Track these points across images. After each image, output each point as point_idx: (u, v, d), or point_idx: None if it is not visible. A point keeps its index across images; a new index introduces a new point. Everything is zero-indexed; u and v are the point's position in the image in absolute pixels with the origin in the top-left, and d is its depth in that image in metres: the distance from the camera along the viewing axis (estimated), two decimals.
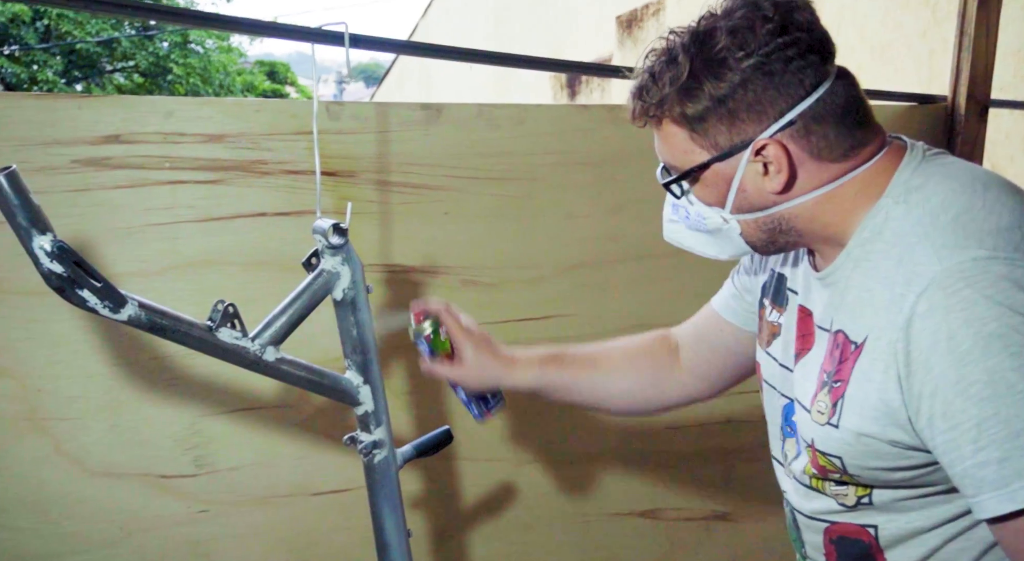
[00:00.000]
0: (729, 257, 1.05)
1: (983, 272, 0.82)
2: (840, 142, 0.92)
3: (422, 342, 1.29)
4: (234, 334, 1.14)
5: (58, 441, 1.58)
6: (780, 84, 0.90)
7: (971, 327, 0.80)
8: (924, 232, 0.87)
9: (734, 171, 0.94)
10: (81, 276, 1.00)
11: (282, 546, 1.72)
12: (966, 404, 0.81)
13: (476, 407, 1.34)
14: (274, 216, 1.66)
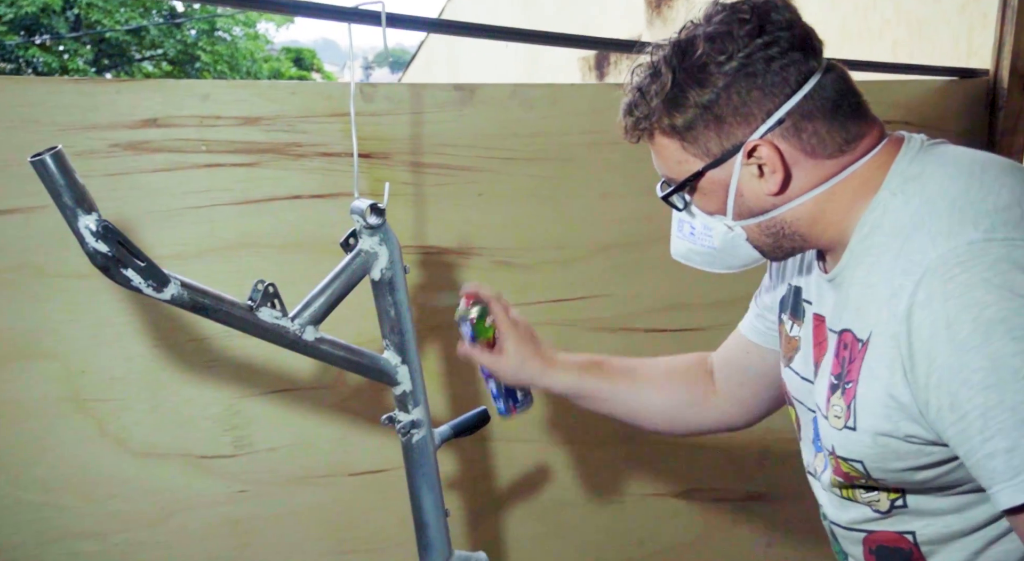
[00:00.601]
0: (739, 270, 1.05)
1: (980, 255, 0.79)
2: (833, 137, 0.91)
3: (466, 324, 1.29)
4: (274, 314, 1.15)
5: (101, 422, 1.61)
6: (764, 84, 0.90)
7: (970, 312, 0.78)
8: (920, 220, 0.85)
9: (729, 177, 0.94)
10: (125, 255, 1.01)
11: (321, 526, 1.74)
12: (970, 393, 0.78)
13: (504, 402, 1.33)
14: (309, 198, 1.67)
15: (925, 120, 1.92)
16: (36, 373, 1.56)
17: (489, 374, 1.32)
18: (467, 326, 1.28)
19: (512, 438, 1.82)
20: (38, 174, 0.96)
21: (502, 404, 1.33)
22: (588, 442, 1.86)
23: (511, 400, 1.34)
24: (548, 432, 1.84)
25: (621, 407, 1.30)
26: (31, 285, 1.55)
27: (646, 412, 1.30)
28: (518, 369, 1.26)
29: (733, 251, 1.01)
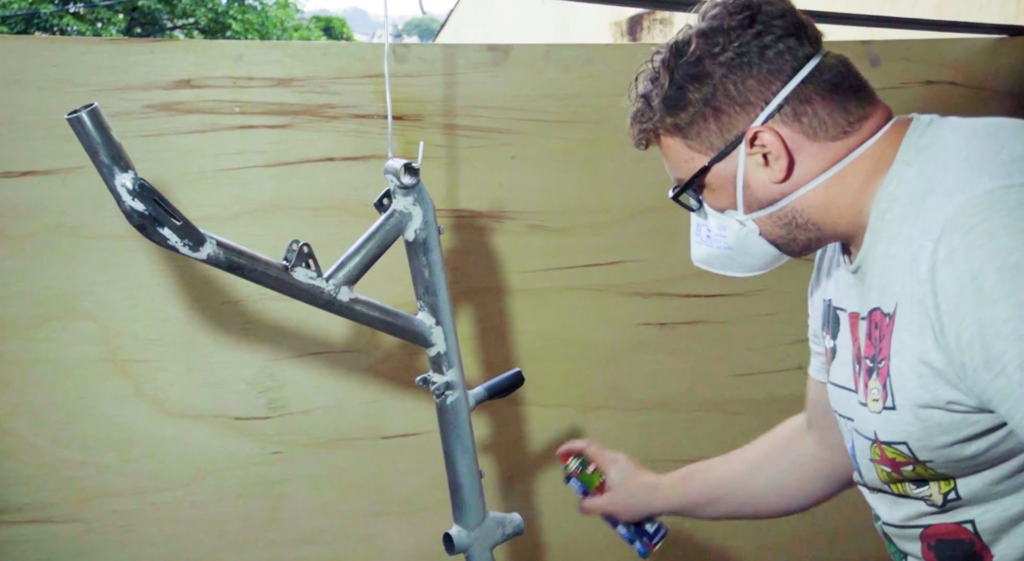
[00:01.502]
0: (760, 271, 1.02)
1: (999, 202, 0.77)
2: (835, 119, 0.90)
3: (573, 481, 1.35)
4: (309, 274, 1.14)
5: (138, 383, 1.62)
6: (760, 73, 0.90)
7: (994, 262, 0.74)
8: (935, 181, 0.83)
9: (735, 169, 0.93)
10: (162, 214, 1.01)
11: (355, 489, 1.75)
12: (1005, 345, 0.74)
13: (639, 541, 1.33)
14: (342, 161, 1.66)
15: (972, 80, 1.87)
16: (74, 333, 1.58)
17: (615, 520, 1.34)
18: (575, 482, 1.35)
19: (545, 403, 1.82)
20: (75, 132, 0.95)
21: (639, 544, 1.33)
22: (622, 407, 1.85)
23: (644, 537, 1.34)
24: (580, 397, 1.84)
25: (736, 502, 1.27)
26: (68, 246, 1.57)
27: (761, 498, 1.26)
28: (630, 499, 1.29)
29: (747, 249, 0.99)
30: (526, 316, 1.79)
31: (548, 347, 1.80)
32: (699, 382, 1.87)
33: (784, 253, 0.99)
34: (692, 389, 1.88)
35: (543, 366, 1.79)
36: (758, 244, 0.98)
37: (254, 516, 1.70)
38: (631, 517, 1.31)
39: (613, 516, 1.34)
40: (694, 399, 1.88)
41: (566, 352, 1.81)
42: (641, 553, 1.34)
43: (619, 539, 1.82)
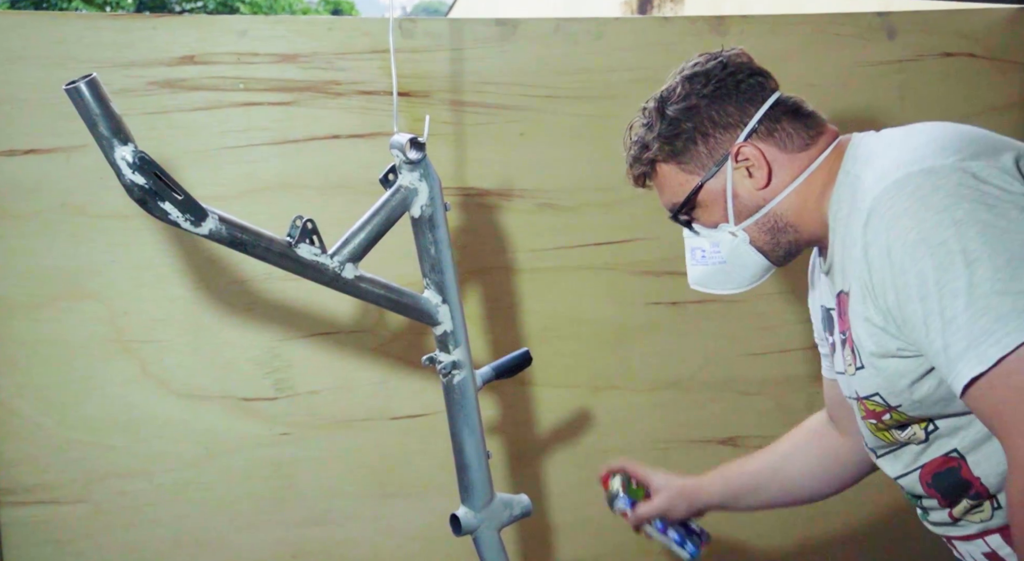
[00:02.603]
0: (754, 282, 1.17)
1: (902, 188, 0.92)
2: (800, 134, 1.10)
3: (621, 498, 1.38)
4: (313, 250, 1.12)
5: (144, 363, 1.61)
6: (737, 101, 1.09)
7: (900, 239, 0.91)
8: (864, 179, 1.00)
9: (724, 184, 1.11)
10: (163, 188, 0.99)
11: (363, 469, 1.74)
12: (913, 307, 0.91)
13: (691, 541, 1.38)
14: (348, 138, 1.64)
15: (992, 51, 1.83)
16: (80, 313, 1.57)
17: (664, 525, 1.38)
18: (623, 498, 1.38)
19: (554, 383, 1.80)
20: (73, 103, 0.94)
21: (691, 545, 1.38)
22: (632, 387, 1.83)
23: (694, 536, 1.39)
24: (591, 377, 1.82)
25: (774, 489, 1.36)
26: (73, 225, 1.56)
27: (796, 485, 1.36)
28: (679, 498, 1.36)
29: (740, 259, 1.14)
30: (535, 295, 1.77)
31: (557, 327, 1.78)
32: (711, 361, 1.85)
33: (770, 261, 1.15)
34: (704, 369, 1.85)
35: (552, 346, 1.77)
36: (749, 253, 1.14)
37: (262, 497, 1.69)
38: (681, 515, 1.37)
39: (665, 517, 1.38)
40: (706, 379, 1.85)
41: (576, 332, 1.79)
42: (693, 553, 1.38)
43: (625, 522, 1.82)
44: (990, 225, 0.87)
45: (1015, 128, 1.84)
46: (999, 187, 0.90)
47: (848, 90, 1.81)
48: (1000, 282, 0.85)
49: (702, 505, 1.38)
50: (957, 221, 0.88)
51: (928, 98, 1.84)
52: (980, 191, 0.89)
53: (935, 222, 0.88)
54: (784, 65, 1.29)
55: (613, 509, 1.42)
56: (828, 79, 1.80)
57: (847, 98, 1.81)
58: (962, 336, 0.87)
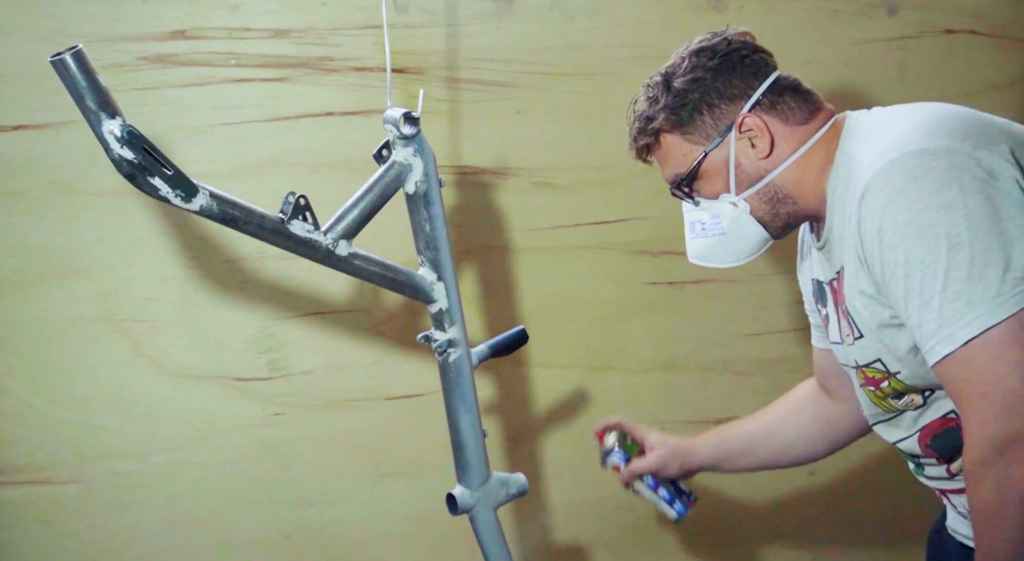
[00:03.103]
0: (752, 254, 1.19)
1: (896, 169, 0.96)
2: (800, 108, 1.14)
3: (616, 452, 1.41)
4: (306, 227, 1.11)
5: (136, 343, 1.60)
6: (742, 73, 1.13)
7: (891, 219, 0.95)
8: (860, 158, 1.04)
9: (727, 154, 1.13)
10: (151, 163, 0.97)
11: (358, 450, 1.73)
12: (898, 282, 0.96)
13: (680, 500, 1.41)
14: (342, 116, 1.62)
15: (995, 29, 1.80)
16: (70, 292, 1.55)
17: (656, 482, 1.40)
18: (617, 453, 1.41)
19: (551, 364, 1.79)
20: (59, 75, 0.92)
21: (679, 504, 1.41)
22: (629, 368, 1.82)
23: (684, 496, 1.42)
24: (588, 358, 1.80)
25: (766, 451, 1.41)
26: (62, 203, 1.53)
27: (789, 446, 1.40)
28: (673, 454, 1.40)
29: (740, 231, 1.16)
30: (531, 275, 1.75)
31: (553, 307, 1.77)
32: (708, 342, 1.84)
33: (769, 233, 1.17)
34: (701, 349, 1.84)
35: (548, 326, 1.76)
36: (749, 223, 1.16)
37: (257, 478, 1.68)
38: (674, 473, 1.40)
39: (658, 474, 1.40)
40: (703, 359, 1.84)
41: (572, 312, 1.78)
42: (681, 513, 1.41)
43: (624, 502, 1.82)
44: (976, 209, 0.91)
45: (1016, 106, 1.83)
46: (989, 171, 0.93)
47: (848, 67, 1.79)
48: (976, 268, 0.90)
49: (696, 465, 1.41)
50: (946, 205, 0.92)
51: (929, 75, 1.82)
52: (971, 175, 0.93)
53: (925, 204, 0.93)
54: (783, 42, 1.27)
55: (605, 464, 1.43)
56: (828, 56, 1.78)
57: (847, 75, 1.79)
58: (935, 316, 0.92)
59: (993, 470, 0.92)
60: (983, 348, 0.90)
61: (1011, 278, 0.89)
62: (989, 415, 0.91)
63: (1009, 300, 0.89)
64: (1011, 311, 0.89)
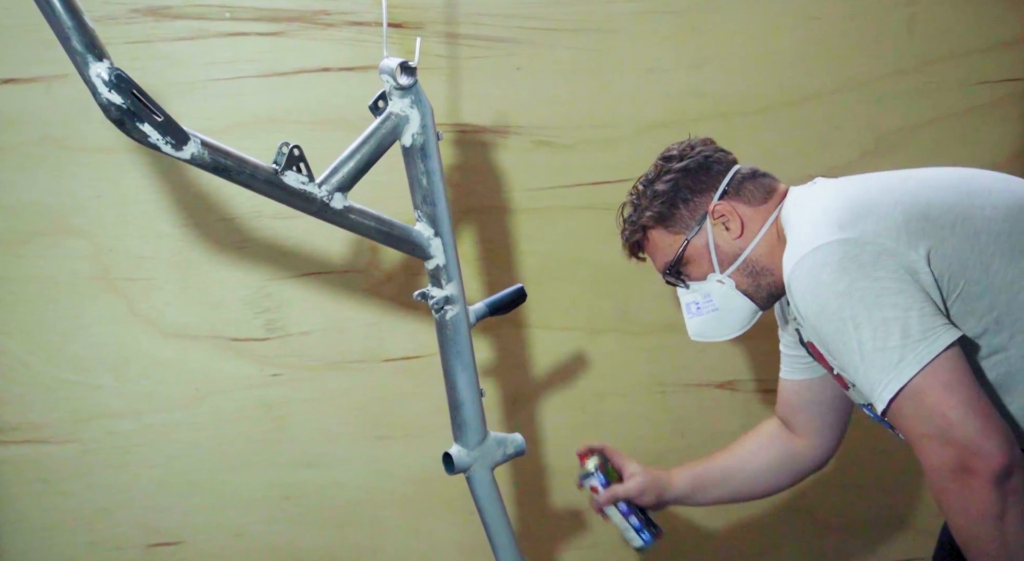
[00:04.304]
0: (745, 325, 1.34)
1: (801, 267, 1.11)
2: (760, 190, 1.30)
3: (595, 476, 1.44)
4: (300, 178, 1.08)
5: (131, 301, 1.58)
6: (708, 171, 1.31)
7: (807, 310, 1.11)
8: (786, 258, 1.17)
9: (707, 238, 1.30)
10: (141, 108, 0.94)
11: (356, 412, 1.72)
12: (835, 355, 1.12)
13: (648, 530, 1.45)
14: (339, 71, 1.59)
15: None
16: (64, 249, 1.53)
17: (629, 509, 1.44)
18: (597, 476, 1.44)
19: (550, 326, 1.77)
20: (43, 14, 0.89)
21: (647, 534, 1.45)
22: (628, 331, 1.80)
23: (653, 527, 1.46)
24: (587, 320, 1.79)
25: (736, 484, 1.49)
26: (54, 159, 1.51)
27: (757, 479, 1.49)
28: (651, 484, 1.45)
29: (731, 305, 1.31)
30: (531, 236, 1.73)
31: (553, 268, 1.75)
32: None
33: (756, 304, 1.32)
34: None
35: (548, 288, 1.74)
36: (736, 297, 1.31)
37: (254, 439, 1.67)
38: (649, 501, 1.46)
39: (635, 500, 1.44)
40: None
41: (572, 273, 1.76)
42: (647, 541, 1.45)
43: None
44: (868, 290, 1.06)
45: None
46: (875, 255, 1.07)
47: (855, 23, 1.75)
48: (879, 340, 1.04)
49: (671, 497, 1.48)
50: (841, 293, 1.06)
51: (937, 31, 1.78)
52: (858, 262, 1.07)
53: (826, 296, 1.08)
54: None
55: (583, 484, 1.46)
56: (834, 11, 1.74)
57: (855, 32, 1.75)
58: (865, 381, 1.07)
59: (952, 497, 1.03)
60: (906, 401, 1.04)
61: (910, 342, 1.03)
62: (930, 451, 1.03)
63: (913, 360, 1.03)
64: (916, 368, 1.03)
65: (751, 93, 1.76)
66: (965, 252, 1.09)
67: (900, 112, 1.81)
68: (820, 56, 1.76)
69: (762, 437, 1.50)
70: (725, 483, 1.49)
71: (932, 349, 1.03)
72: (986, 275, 1.09)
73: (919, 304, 1.05)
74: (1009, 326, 1.09)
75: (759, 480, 1.49)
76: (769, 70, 1.76)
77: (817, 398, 1.44)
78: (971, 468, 1.00)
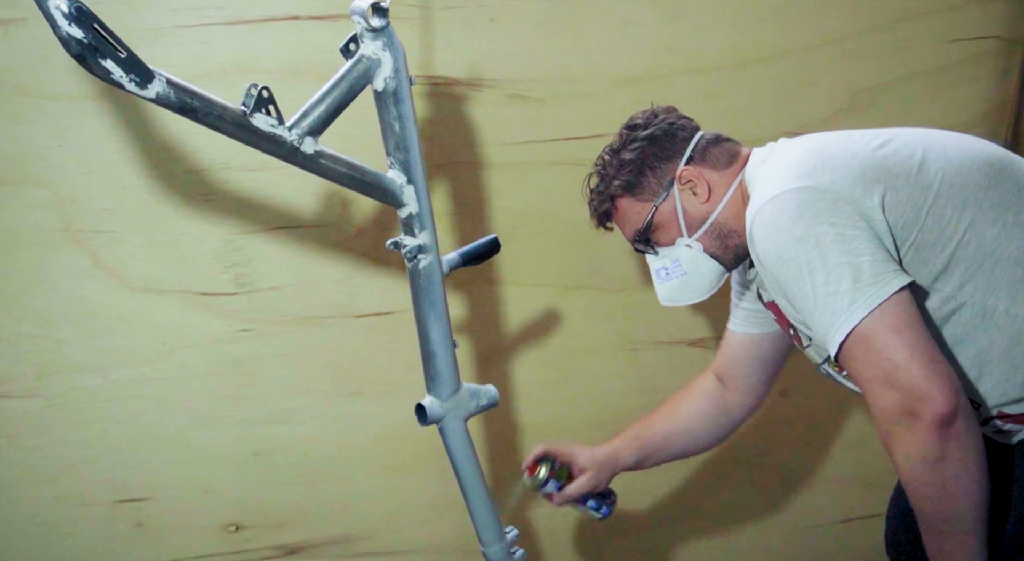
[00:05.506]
0: (714, 287, 1.36)
1: (761, 214, 1.13)
2: (724, 155, 1.32)
3: (549, 483, 1.43)
4: (270, 121, 1.05)
5: (95, 254, 1.55)
6: (674, 137, 1.33)
7: (767, 255, 1.13)
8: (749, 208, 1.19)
9: (674, 204, 1.32)
10: (103, 43, 0.91)
11: (327, 368, 1.70)
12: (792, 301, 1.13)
13: (605, 504, 1.48)
14: (308, 20, 1.56)
15: None
16: (25, 200, 1.50)
17: (587, 497, 1.46)
18: (551, 484, 1.43)
19: (523, 282, 1.76)
20: None
21: (605, 508, 1.49)
22: (600, 287, 1.80)
23: (607, 499, 1.49)
24: (561, 276, 1.78)
25: (678, 446, 1.52)
26: (15, 107, 1.47)
27: (696, 440, 1.53)
28: (602, 471, 1.46)
29: (699, 269, 1.33)
30: (504, 191, 1.71)
31: (527, 224, 1.74)
32: None
33: (723, 265, 1.34)
34: None
35: (521, 244, 1.73)
36: (704, 261, 1.33)
37: (223, 394, 1.66)
38: (604, 485, 1.48)
39: (590, 492, 1.45)
40: None
41: (546, 229, 1.75)
42: (606, 514, 1.49)
43: (593, 421, 1.82)
44: (823, 236, 1.08)
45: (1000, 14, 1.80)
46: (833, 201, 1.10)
47: None
48: (831, 284, 1.07)
49: (619, 470, 1.49)
50: (798, 238, 1.09)
51: None
52: (814, 209, 1.09)
53: (784, 241, 1.10)
54: None
55: (541, 492, 1.45)
56: None
57: None
58: (819, 327, 1.09)
59: (896, 440, 1.05)
60: (854, 345, 1.06)
61: (861, 286, 1.05)
62: (877, 394, 1.06)
63: (862, 303, 1.05)
64: (866, 311, 1.05)
65: (726, 48, 1.75)
66: (919, 201, 1.12)
67: (874, 69, 1.81)
68: (795, 12, 1.76)
69: (699, 397, 1.53)
70: (667, 448, 1.52)
71: (881, 293, 1.05)
72: (938, 224, 1.11)
73: (871, 250, 1.07)
74: (960, 274, 1.12)
75: (697, 440, 1.53)
76: (744, 26, 1.75)
77: (763, 355, 1.49)
78: (915, 412, 1.02)
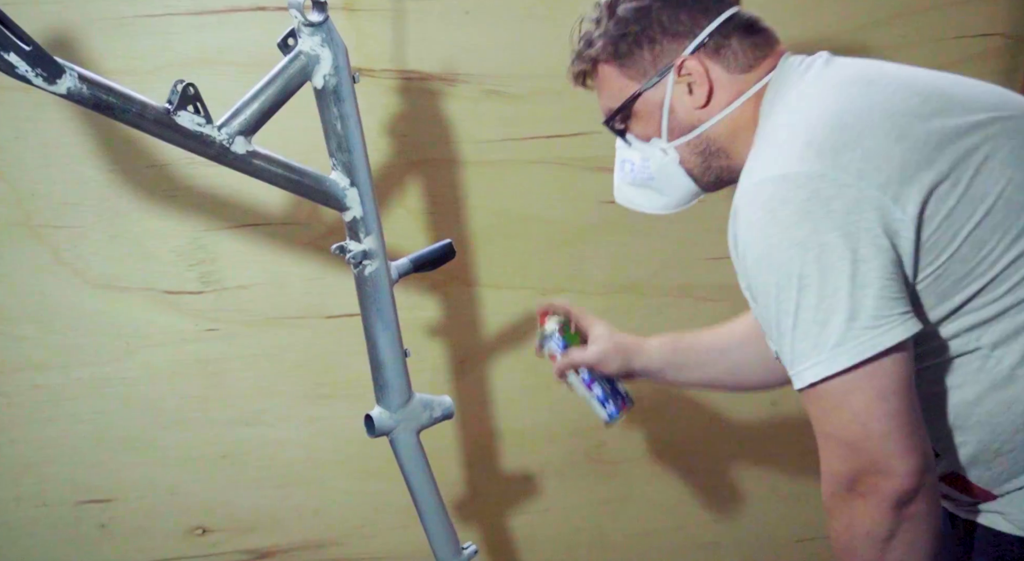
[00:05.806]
0: (678, 204, 1.14)
1: (760, 192, 0.91)
2: (746, 54, 1.05)
3: (554, 338, 1.28)
4: (196, 119, 1.01)
5: (56, 250, 1.52)
6: (690, 9, 1.04)
7: (751, 248, 0.92)
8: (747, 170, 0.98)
9: (663, 96, 1.06)
10: (3, 36, 0.87)
11: (296, 369, 1.66)
12: (759, 307, 0.95)
13: (614, 401, 1.30)
14: (275, 11, 1.50)
15: None
16: None
17: (591, 378, 1.29)
18: (556, 339, 1.28)
19: (501, 285, 1.70)
20: None
21: (612, 406, 1.29)
22: (584, 291, 1.73)
23: (619, 398, 1.30)
24: (540, 279, 1.71)
25: (721, 368, 1.31)
26: None
27: (742, 369, 1.31)
28: (615, 350, 1.29)
29: (668, 180, 1.11)
30: (480, 191, 1.65)
31: (504, 225, 1.67)
32: (669, 265, 1.74)
33: (698, 186, 1.12)
34: (661, 272, 1.74)
35: (499, 245, 1.67)
36: (677, 174, 1.10)
37: (189, 395, 1.62)
38: (613, 370, 1.29)
39: (595, 368, 1.29)
40: (663, 283, 1.75)
41: (524, 231, 1.68)
42: (612, 416, 1.30)
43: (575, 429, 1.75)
44: (829, 250, 0.87)
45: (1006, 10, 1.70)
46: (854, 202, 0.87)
47: None
48: (822, 312, 0.87)
49: (639, 366, 1.31)
50: (798, 242, 0.88)
51: None
52: (828, 206, 0.87)
53: (779, 240, 0.89)
54: None
55: (542, 350, 1.31)
56: None
57: None
58: (788, 351, 0.91)
59: (842, 506, 0.92)
60: (827, 393, 0.89)
61: (856, 327, 0.86)
62: (834, 454, 0.91)
63: (851, 350, 0.87)
64: (852, 361, 0.87)
65: None
66: (963, 218, 0.89)
67: None
68: (789, 8, 1.66)
69: (752, 327, 1.28)
70: (704, 365, 1.31)
71: (876, 344, 0.86)
72: (975, 253, 0.90)
73: (881, 282, 0.87)
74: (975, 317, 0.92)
75: (744, 370, 1.31)
76: None
77: None
78: (873, 484, 0.89)
